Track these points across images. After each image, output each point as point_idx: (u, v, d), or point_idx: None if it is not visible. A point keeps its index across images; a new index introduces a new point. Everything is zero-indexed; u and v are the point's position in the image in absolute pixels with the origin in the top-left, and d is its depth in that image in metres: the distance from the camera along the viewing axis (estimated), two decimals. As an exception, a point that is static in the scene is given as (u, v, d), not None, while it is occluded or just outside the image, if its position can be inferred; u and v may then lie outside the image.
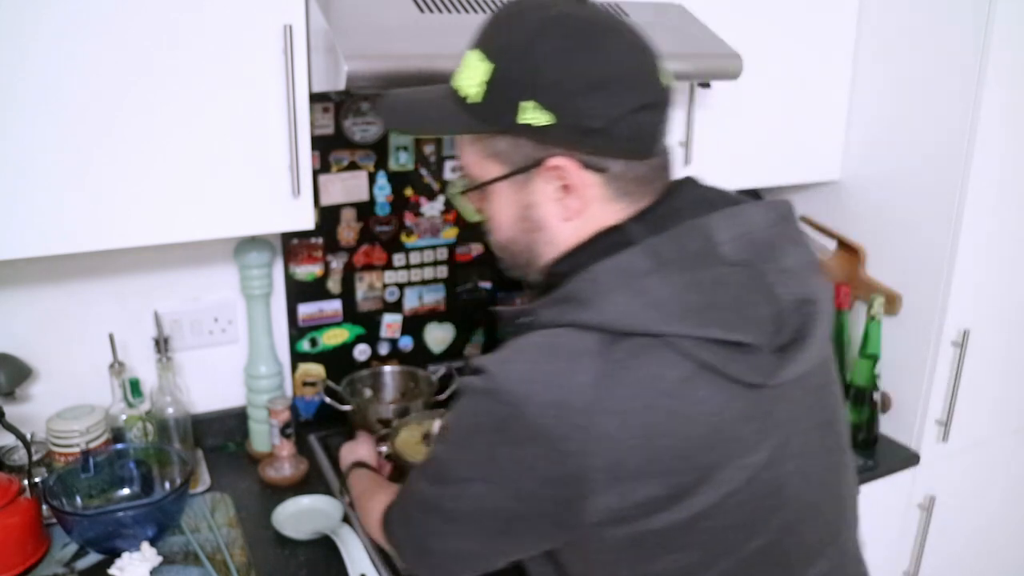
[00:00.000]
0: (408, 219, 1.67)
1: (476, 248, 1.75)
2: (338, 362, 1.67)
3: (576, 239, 0.79)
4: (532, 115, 0.73)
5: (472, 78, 0.77)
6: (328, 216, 1.59)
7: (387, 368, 1.70)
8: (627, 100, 0.74)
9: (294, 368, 1.64)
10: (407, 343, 1.74)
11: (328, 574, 1.21)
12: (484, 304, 1.79)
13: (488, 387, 0.73)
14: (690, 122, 1.50)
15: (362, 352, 1.70)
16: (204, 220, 1.18)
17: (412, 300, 1.72)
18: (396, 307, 1.71)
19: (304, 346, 1.64)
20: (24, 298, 1.39)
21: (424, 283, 1.72)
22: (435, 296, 1.74)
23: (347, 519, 1.32)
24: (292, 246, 1.57)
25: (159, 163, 1.13)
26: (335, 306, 1.65)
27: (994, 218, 1.56)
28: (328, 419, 1.63)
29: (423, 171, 1.66)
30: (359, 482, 1.22)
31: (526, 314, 0.77)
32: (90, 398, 1.40)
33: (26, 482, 1.19)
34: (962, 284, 1.56)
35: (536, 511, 0.73)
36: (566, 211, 0.78)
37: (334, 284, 1.64)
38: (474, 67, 0.77)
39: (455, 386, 0.78)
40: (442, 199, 1.69)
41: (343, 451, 1.37)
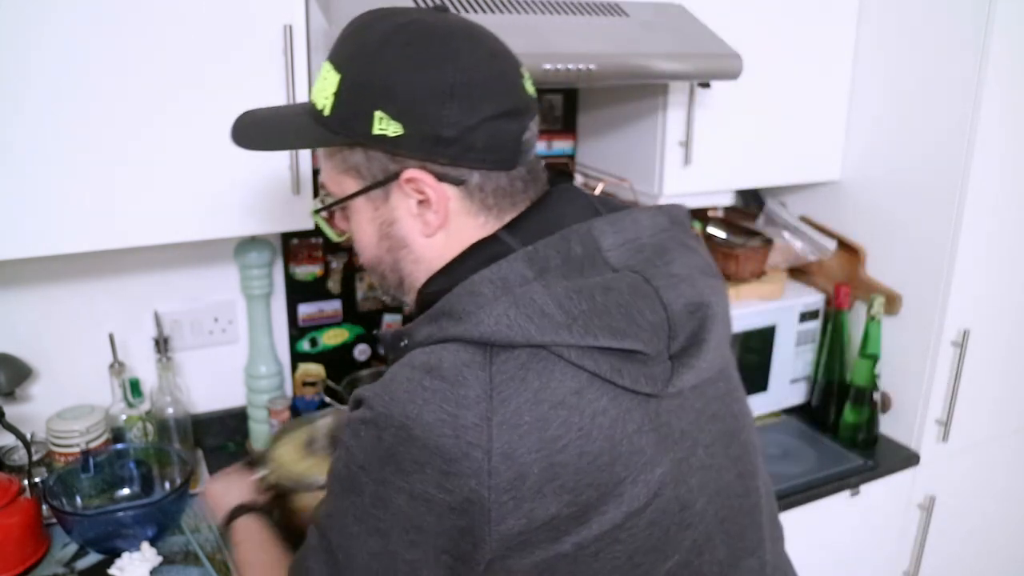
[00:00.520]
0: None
1: (476, 248, 1.75)
2: (338, 362, 1.67)
3: (444, 256, 0.75)
4: (383, 125, 0.70)
5: (324, 90, 0.73)
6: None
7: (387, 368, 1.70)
8: (482, 108, 0.70)
9: (294, 368, 1.64)
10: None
11: (328, 574, 1.21)
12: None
13: (369, 417, 0.68)
14: (690, 122, 1.50)
15: (362, 352, 1.70)
16: (205, 220, 1.18)
17: (412, 300, 1.72)
18: (396, 307, 1.71)
19: (304, 346, 1.64)
20: (24, 298, 1.39)
21: (424, 283, 1.72)
22: (435, 296, 1.74)
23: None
24: (292, 246, 1.57)
25: (159, 163, 1.13)
26: (335, 306, 1.65)
27: (994, 218, 1.56)
28: (328, 419, 1.63)
29: (423, 171, 1.66)
30: (244, 546, 0.98)
31: (404, 335, 0.73)
32: (90, 398, 1.40)
33: (26, 482, 1.19)
34: (962, 284, 1.56)
35: (436, 553, 0.68)
36: (427, 227, 0.74)
37: (334, 284, 1.64)
38: (325, 78, 0.73)
39: (345, 416, 0.74)
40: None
41: (211, 493, 1.09)
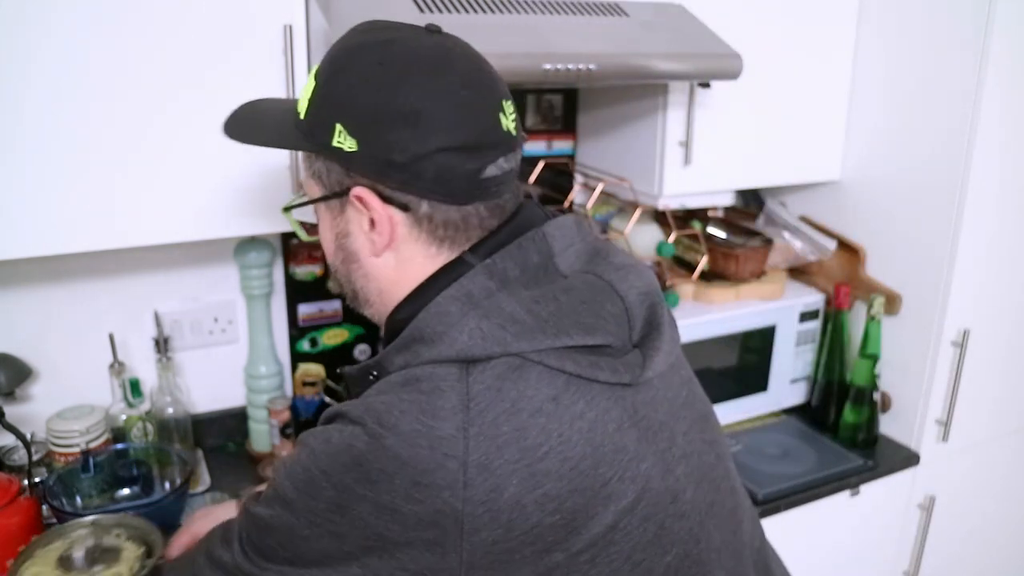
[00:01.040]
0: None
1: (476, 248, 1.75)
2: (338, 362, 1.67)
3: (395, 280, 0.75)
4: (341, 139, 0.70)
5: (304, 94, 0.74)
6: (328, 216, 1.59)
7: (387, 368, 1.70)
8: (436, 139, 0.68)
9: (294, 368, 1.64)
10: (407, 343, 1.74)
11: (328, 574, 1.21)
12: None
13: (342, 425, 0.67)
14: (690, 122, 1.50)
15: (362, 352, 1.70)
16: (205, 220, 1.18)
17: (412, 300, 1.72)
18: (396, 307, 1.71)
19: (304, 346, 1.64)
20: (24, 298, 1.39)
21: (424, 283, 1.72)
22: (435, 296, 1.74)
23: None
24: (292, 246, 1.57)
25: (159, 163, 1.13)
26: (335, 306, 1.65)
27: (994, 218, 1.56)
28: (328, 419, 1.63)
29: (423, 171, 1.66)
30: None
31: (375, 367, 0.73)
32: (90, 398, 1.40)
33: (26, 482, 1.19)
34: (962, 284, 1.56)
35: (397, 563, 0.66)
36: (373, 246, 0.74)
37: (334, 284, 1.63)
38: (307, 83, 0.75)
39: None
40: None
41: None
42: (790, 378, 1.76)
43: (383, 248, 0.74)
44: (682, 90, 1.49)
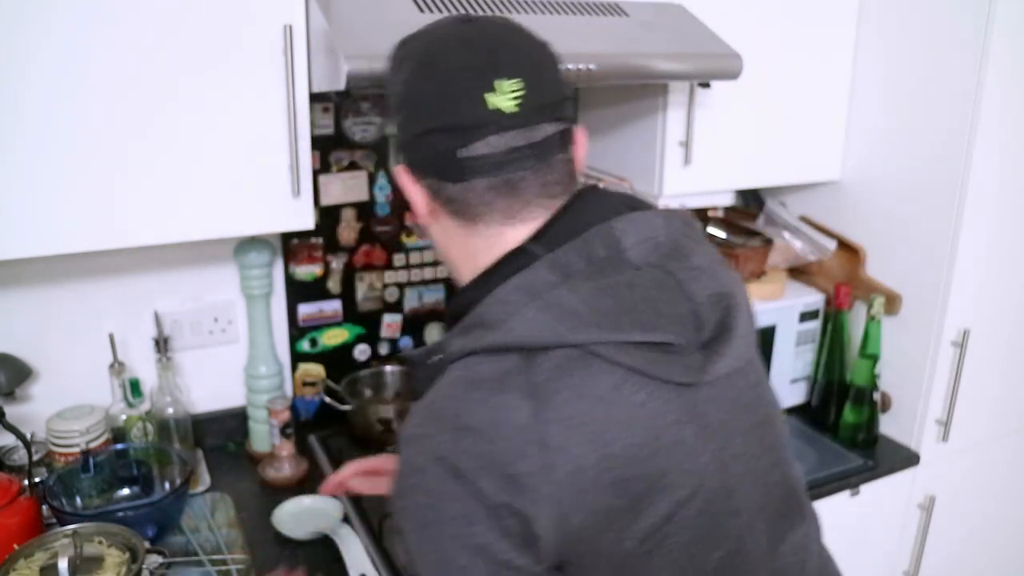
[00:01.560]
0: (408, 219, 1.67)
1: (476, 248, 1.75)
2: (338, 362, 1.67)
3: (447, 246, 0.81)
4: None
5: None
6: (328, 216, 1.59)
7: (387, 368, 1.70)
8: (418, 123, 0.76)
9: (294, 368, 1.64)
10: (407, 343, 1.74)
11: (328, 574, 1.21)
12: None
13: (418, 432, 0.69)
14: (690, 122, 1.50)
15: (362, 352, 1.70)
16: (204, 220, 1.18)
17: (412, 300, 1.72)
18: (396, 307, 1.71)
19: (304, 346, 1.64)
20: (24, 298, 1.39)
21: (424, 283, 1.72)
22: (435, 296, 1.74)
23: (347, 519, 1.32)
24: (292, 246, 1.57)
25: (159, 163, 1.13)
26: (335, 306, 1.65)
27: (994, 218, 1.56)
28: (328, 419, 1.63)
29: (423, 171, 1.66)
30: None
31: (436, 350, 0.75)
32: (90, 398, 1.40)
33: (26, 482, 1.19)
34: (962, 284, 1.56)
35: (490, 555, 0.67)
36: (419, 216, 0.82)
37: (334, 284, 1.64)
38: None
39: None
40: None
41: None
42: (790, 378, 1.76)
43: (422, 215, 0.81)
44: (682, 90, 1.49)
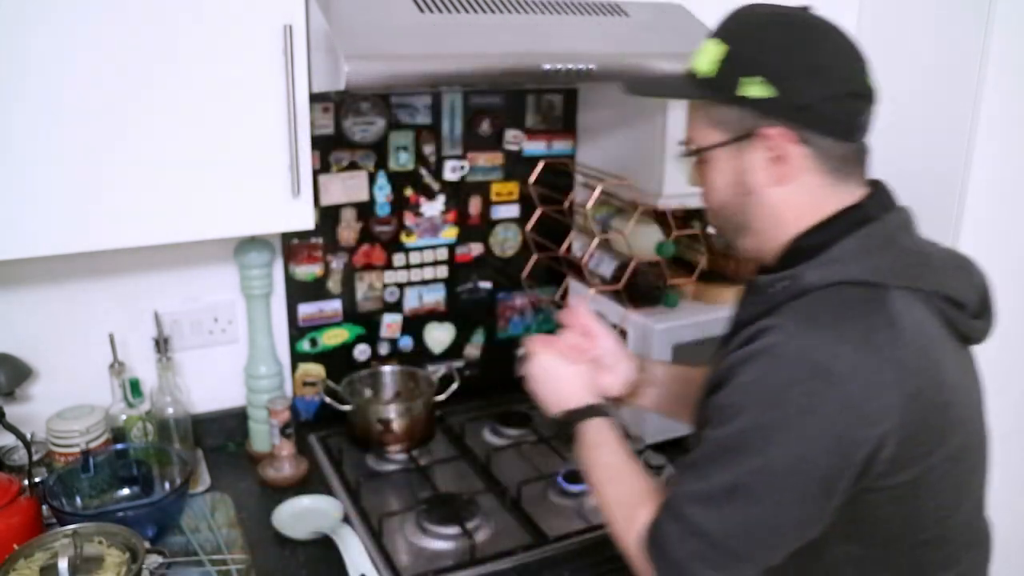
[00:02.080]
0: (408, 219, 1.67)
1: (476, 248, 1.75)
2: (338, 362, 1.67)
3: (790, 204, 0.89)
4: (757, 89, 0.85)
5: (707, 57, 0.90)
6: (328, 216, 1.59)
7: (387, 368, 1.70)
8: (838, 87, 0.86)
9: (294, 368, 1.64)
10: (407, 343, 1.74)
11: (328, 574, 1.21)
12: (484, 304, 1.80)
13: (791, 351, 0.80)
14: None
15: (362, 352, 1.70)
16: (204, 220, 1.18)
17: (412, 300, 1.72)
18: (396, 307, 1.71)
19: (304, 346, 1.64)
20: (24, 298, 1.39)
21: (424, 283, 1.72)
22: (435, 296, 1.74)
23: (347, 519, 1.32)
24: (292, 246, 1.57)
25: (159, 163, 1.13)
26: (335, 306, 1.65)
27: (994, 218, 1.56)
28: (328, 419, 1.63)
29: (423, 171, 1.66)
30: (603, 463, 0.98)
31: (787, 278, 0.87)
32: (90, 398, 1.40)
33: (26, 482, 1.19)
34: (962, 284, 1.56)
35: (844, 464, 0.78)
36: (772, 178, 0.88)
37: (334, 284, 1.64)
38: (709, 50, 0.90)
39: (735, 356, 0.83)
40: (442, 199, 1.69)
41: (557, 373, 1.07)
42: (790, 378, 1.76)
43: (782, 178, 0.88)
44: (682, 90, 1.48)
